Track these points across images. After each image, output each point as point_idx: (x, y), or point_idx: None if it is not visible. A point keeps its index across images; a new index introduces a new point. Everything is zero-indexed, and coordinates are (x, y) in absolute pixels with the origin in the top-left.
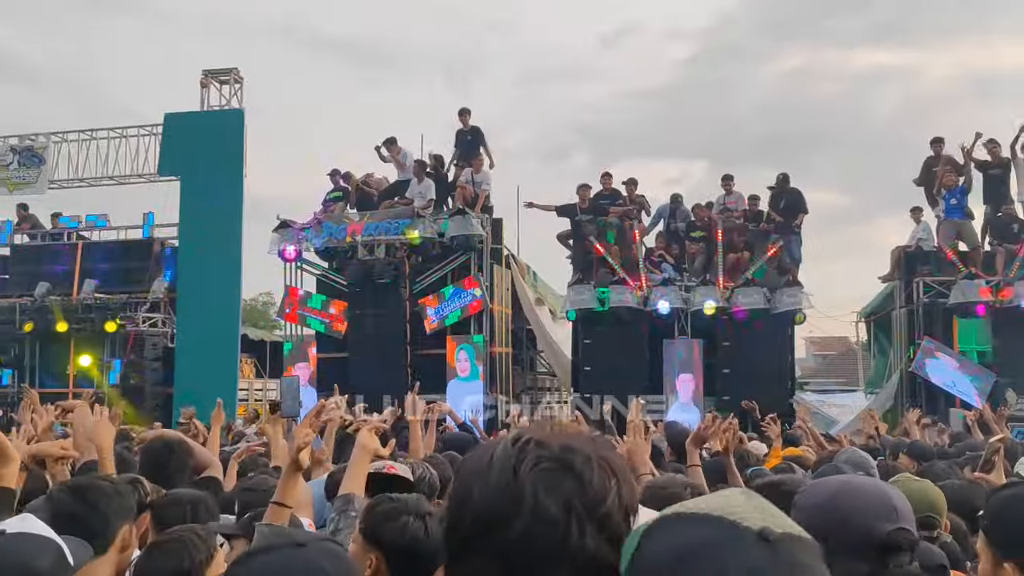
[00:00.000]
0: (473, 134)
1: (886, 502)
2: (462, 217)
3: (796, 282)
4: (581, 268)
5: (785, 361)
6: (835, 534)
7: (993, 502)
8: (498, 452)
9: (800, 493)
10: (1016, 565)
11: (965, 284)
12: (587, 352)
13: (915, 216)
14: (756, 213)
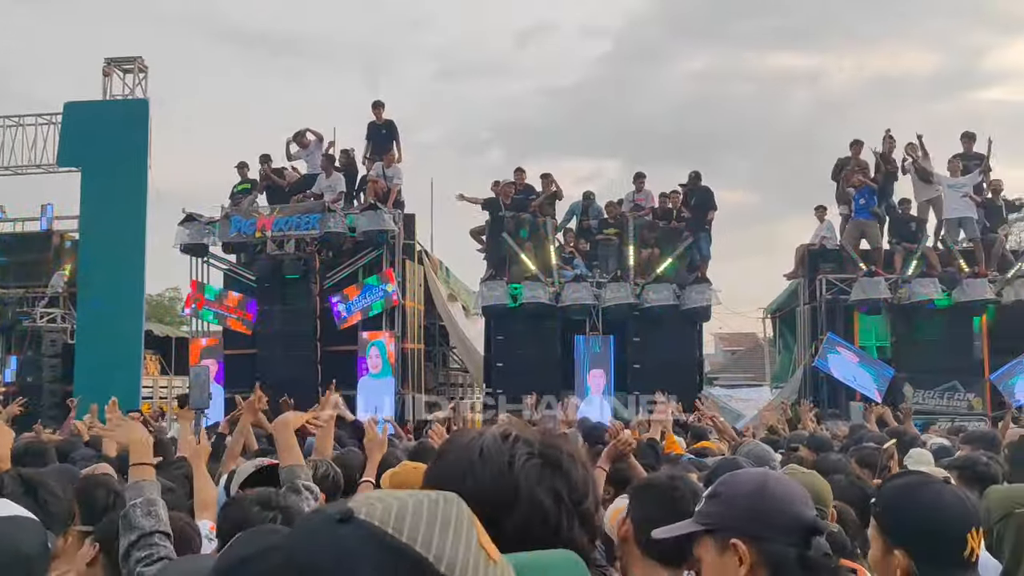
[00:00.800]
0: (387, 128)
1: (803, 491)
2: (374, 212)
3: (705, 279)
4: (494, 264)
5: (694, 356)
6: (768, 520)
7: (886, 491)
8: (488, 446)
9: (721, 484)
10: (906, 551)
11: (866, 281)
12: (499, 348)
13: (819, 215)
14: (666, 211)
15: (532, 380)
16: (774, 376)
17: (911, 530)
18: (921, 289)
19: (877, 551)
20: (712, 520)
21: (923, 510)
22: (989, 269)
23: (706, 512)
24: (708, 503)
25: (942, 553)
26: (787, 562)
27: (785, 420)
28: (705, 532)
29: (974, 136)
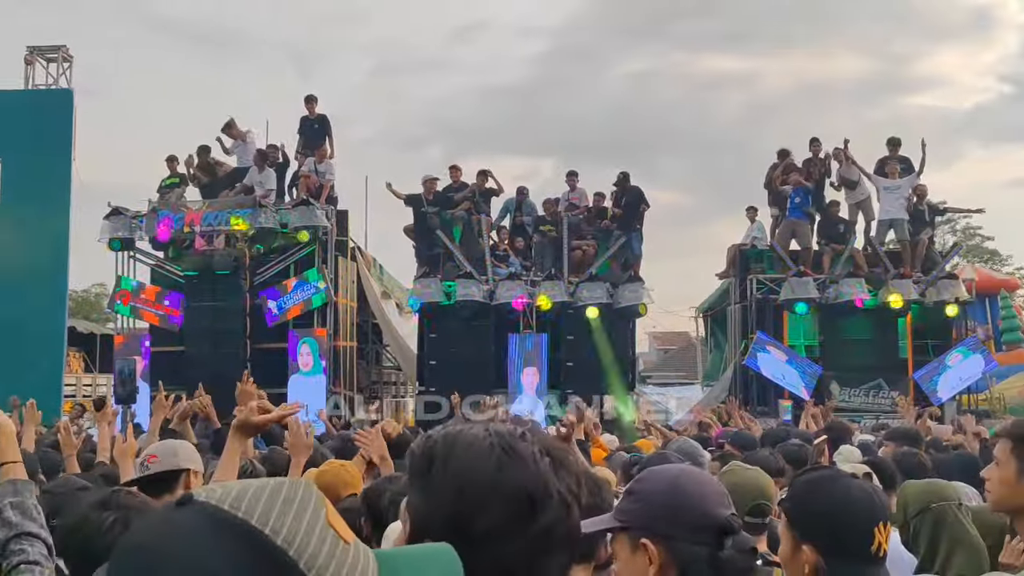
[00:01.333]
0: (320, 122)
1: (720, 489)
2: (306, 208)
3: (638, 277)
4: (427, 262)
5: (627, 355)
6: (679, 519)
7: (794, 486)
8: (510, 442)
9: (637, 481)
10: (813, 547)
11: (795, 281)
12: (433, 346)
13: (751, 216)
14: (600, 210)
15: (465, 378)
16: (705, 374)
17: (819, 525)
18: (848, 289)
19: (787, 547)
20: (627, 517)
21: (831, 504)
22: (914, 270)
23: (622, 509)
24: (625, 500)
25: (849, 547)
26: (697, 562)
27: (716, 418)
28: (621, 529)
29: (899, 142)
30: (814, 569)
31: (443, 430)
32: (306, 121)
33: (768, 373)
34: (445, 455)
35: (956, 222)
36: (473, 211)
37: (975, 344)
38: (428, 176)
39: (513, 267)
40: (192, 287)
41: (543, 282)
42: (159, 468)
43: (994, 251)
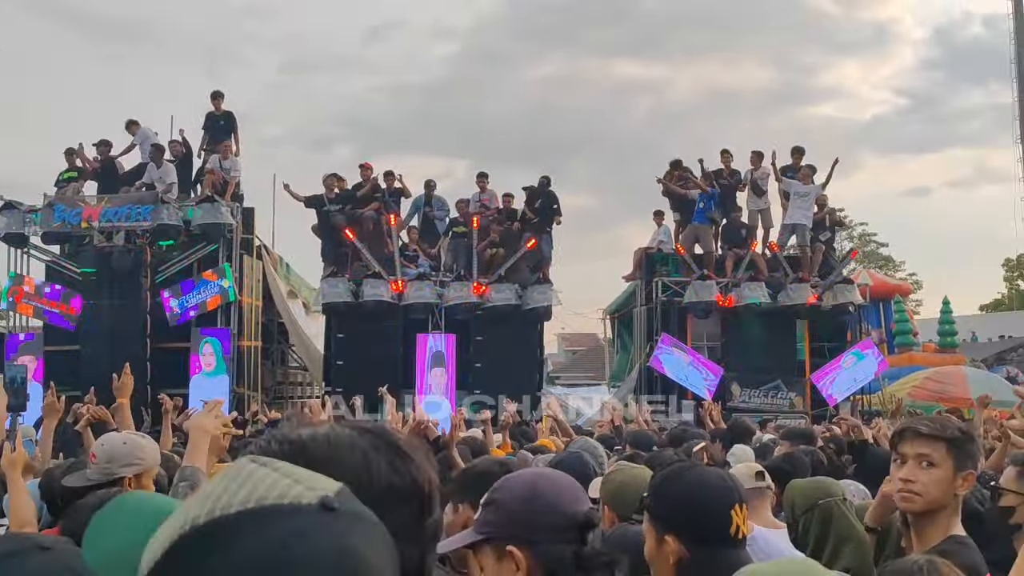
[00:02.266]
0: (226, 119)
1: (576, 486)
2: (210, 205)
3: (547, 280)
4: (333, 261)
5: (535, 356)
6: (539, 522)
7: (656, 480)
8: (389, 441)
9: (495, 491)
10: (676, 536)
11: (698, 284)
12: (340, 346)
13: (657, 220)
14: (511, 211)
15: (373, 379)
16: (612, 375)
17: (678, 514)
18: (749, 293)
19: (651, 543)
20: (489, 528)
21: (687, 492)
22: (812, 275)
23: (482, 520)
24: (484, 511)
25: (709, 532)
26: (563, 562)
27: (621, 418)
28: (484, 541)
29: (803, 151)
30: (678, 559)
31: (309, 431)
32: (212, 117)
33: (672, 374)
34: (326, 460)
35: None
36: (382, 210)
37: (869, 346)
38: (329, 175)
39: (422, 268)
40: (90, 285)
41: (452, 283)
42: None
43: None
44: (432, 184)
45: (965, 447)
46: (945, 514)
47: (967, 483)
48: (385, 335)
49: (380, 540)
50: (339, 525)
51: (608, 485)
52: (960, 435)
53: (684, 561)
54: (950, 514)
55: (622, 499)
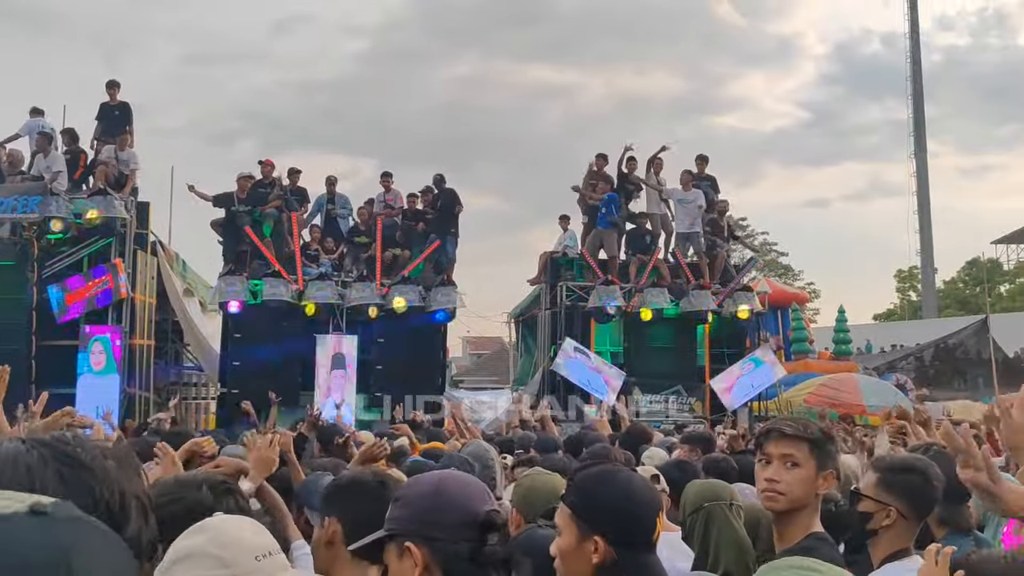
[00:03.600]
0: (121, 109)
1: (483, 486)
2: (103, 198)
3: (451, 282)
4: (233, 259)
5: (438, 358)
6: (442, 520)
7: (580, 480)
8: (57, 452)
9: (405, 487)
10: (604, 538)
11: (602, 289)
12: (237, 346)
13: (563, 224)
14: (415, 212)
15: (270, 380)
16: (516, 379)
17: (609, 516)
18: (652, 298)
19: (570, 540)
20: (392, 525)
21: (620, 497)
22: (713, 282)
23: (390, 517)
24: (392, 508)
25: (639, 537)
26: (459, 560)
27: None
28: (389, 538)
29: (707, 159)
30: (602, 561)
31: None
32: (107, 107)
33: (574, 378)
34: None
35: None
36: (284, 208)
37: (766, 353)
38: (243, 174)
39: (324, 267)
40: None
41: (354, 283)
42: None
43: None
44: (334, 180)
45: (826, 448)
46: (806, 513)
47: (827, 483)
48: (284, 335)
49: (101, 539)
50: (53, 527)
51: (518, 489)
52: (822, 436)
53: (607, 563)
54: (811, 513)
55: (530, 503)
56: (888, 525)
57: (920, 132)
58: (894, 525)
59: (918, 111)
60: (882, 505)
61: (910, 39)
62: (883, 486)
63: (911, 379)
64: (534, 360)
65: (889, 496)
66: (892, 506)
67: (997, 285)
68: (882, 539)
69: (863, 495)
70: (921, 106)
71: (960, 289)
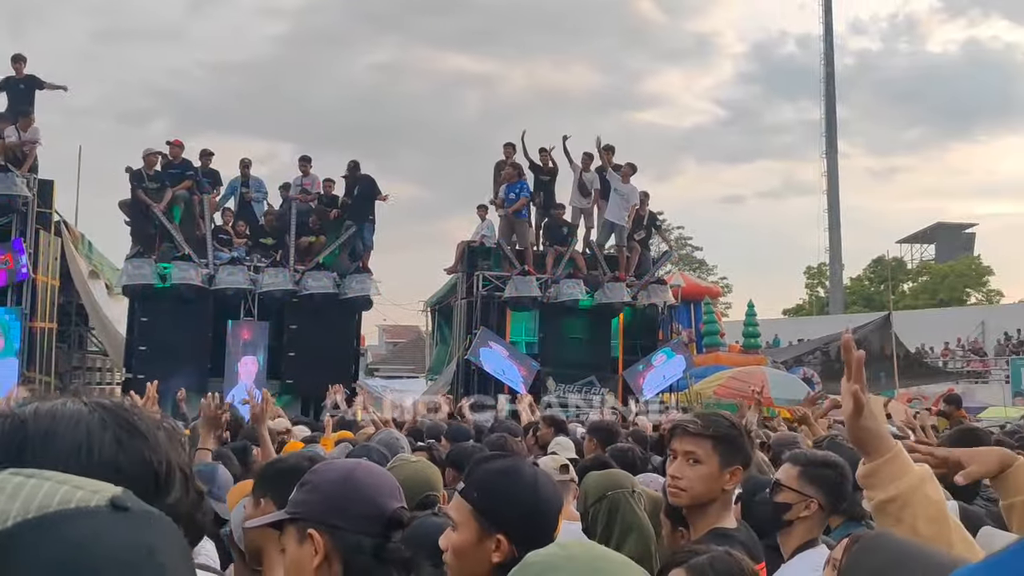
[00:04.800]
0: (26, 84)
1: (394, 482)
2: (3, 175)
3: (366, 269)
4: (142, 241)
5: (351, 346)
6: (348, 510)
7: (480, 474)
8: (117, 417)
9: (312, 472)
10: (506, 536)
11: (518, 280)
12: (143, 331)
13: (481, 213)
14: (331, 198)
15: (178, 365)
16: (431, 368)
17: (516, 515)
18: (568, 290)
19: (469, 536)
20: (298, 508)
21: (528, 494)
22: (628, 275)
23: (294, 501)
24: (297, 491)
25: (542, 536)
26: (361, 553)
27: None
28: (290, 521)
29: (613, 148)
30: (503, 559)
31: (33, 406)
32: (12, 81)
33: (489, 368)
34: (44, 434)
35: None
36: (195, 190)
37: (679, 346)
38: (150, 150)
39: (237, 252)
40: None
41: (266, 268)
42: None
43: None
44: (248, 163)
45: (734, 443)
46: (714, 508)
47: (734, 478)
48: (193, 320)
49: (173, 536)
50: (133, 523)
51: None
52: (726, 432)
53: (508, 562)
54: (719, 508)
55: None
56: (806, 516)
57: (832, 133)
58: (812, 516)
59: (830, 112)
60: (803, 497)
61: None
62: (805, 478)
63: (817, 372)
64: (449, 350)
65: (811, 488)
66: (813, 498)
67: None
68: (796, 529)
69: (784, 486)
70: (833, 107)
71: (866, 286)
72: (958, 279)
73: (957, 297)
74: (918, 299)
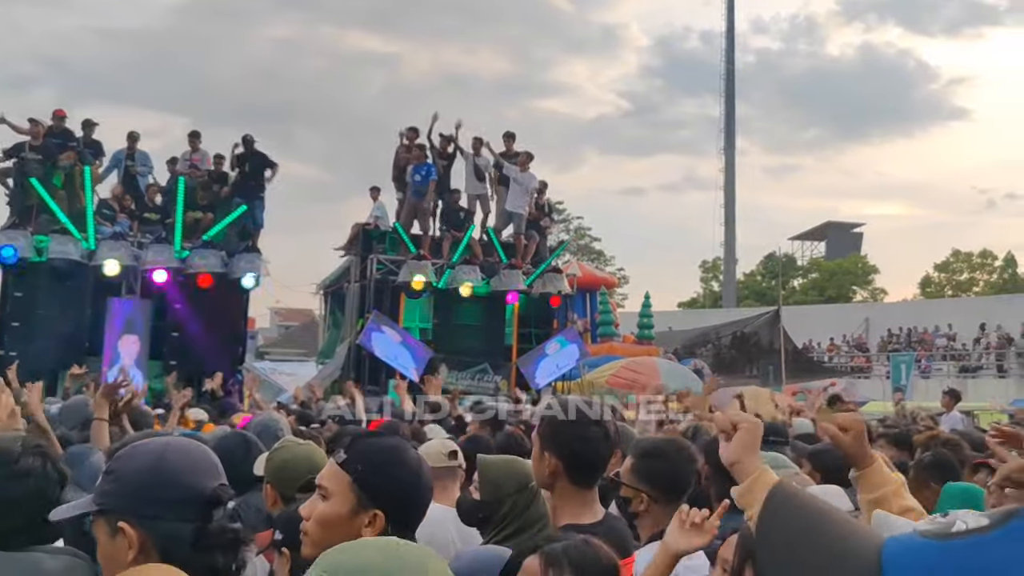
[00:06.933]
0: None
1: (211, 459)
2: None
3: (255, 248)
4: (19, 212)
5: (239, 327)
6: (160, 497)
7: (368, 448)
8: None
9: (117, 459)
10: (384, 513)
11: (414, 264)
12: (17, 306)
13: (374, 195)
14: (221, 174)
15: (54, 343)
16: (321, 352)
17: (396, 494)
18: (463, 276)
19: (343, 508)
20: (105, 499)
21: (411, 475)
22: (525, 262)
23: (100, 490)
24: (103, 480)
25: (414, 517)
26: (180, 540)
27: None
28: (100, 512)
29: (514, 136)
30: (376, 535)
31: None
32: None
33: (381, 353)
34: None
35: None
36: (77, 162)
37: (573, 335)
38: (35, 120)
39: (119, 226)
40: None
41: (151, 245)
42: None
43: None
44: (136, 136)
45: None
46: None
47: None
48: (71, 297)
49: None
50: None
51: (272, 462)
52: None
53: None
54: (566, 502)
55: (286, 476)
56: (644, 509)
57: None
58: (648, 510)
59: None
60: (635, 491)
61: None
62: (635, 472)
63: (708, 364)
64: (341, 333)
65: (639, 482)
66: (643, 492)
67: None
68: (644, 521)
69: (621, 481)
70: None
71: (758, 282)
72: (845, 277)
73: (844, 294)
74: (807, 295)
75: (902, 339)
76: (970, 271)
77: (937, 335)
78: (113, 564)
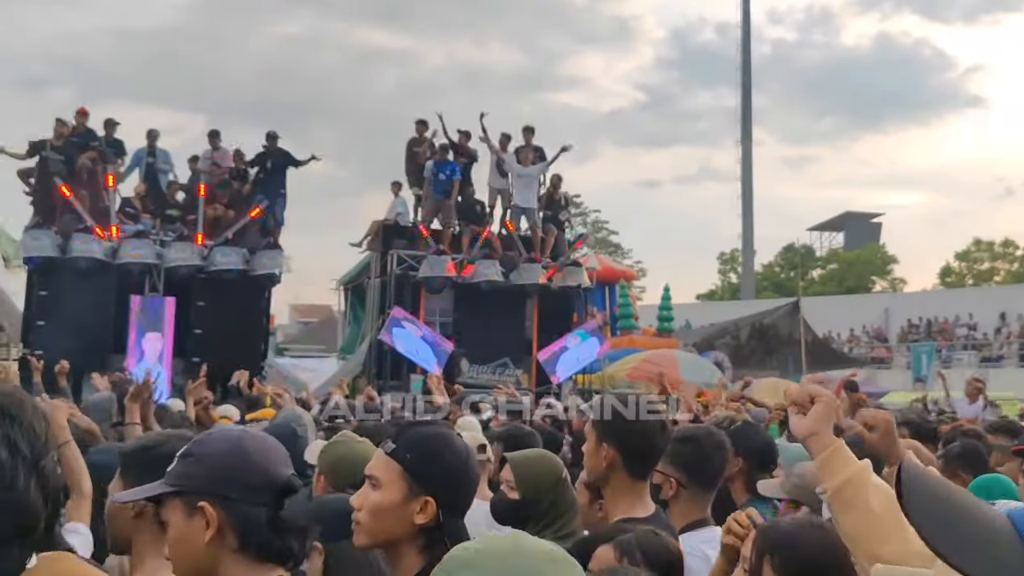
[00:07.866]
0: None
1: (283, 449)
2: None
3: (277, 245)
4: (43, 211)
5: (261, 324)
6: (239, 480)
7: (417, 437)
8: None
9: (196, 443)
10: (435, 499)
11: (434, 259)
12: (42, 305)
13: (395, 190)
14: (241, 172)
15: (80, 341)
16: (342, 348)
17: (447, 480)
18: (483, 270)
19: (396, 496)
20: (182, 481)
21: (460, 462)
22: (543, 256)
23: (176, 472)
24: (180, 463)
25: (463, 504)
26: (256, 523)
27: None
28: (175, 494)
29: (533, 130)
30: (428, 522)
31: None
32: None
33: (402, 348)
34: None
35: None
36: (99, 161)
37: (593, 328)
38: (61, 119)
39: (142, 224)
40: None
41: (173, 243)
42: None
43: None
44: (156, 134)
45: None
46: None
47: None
48: (95, 295)
49: None
50: None
51: (327, 456)
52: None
53: (431, 525)
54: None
55: (339, 471)
56: (673, 495)
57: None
58: (678, 496)
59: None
60: (665, 476)
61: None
62: (666, 458)
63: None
64: (362, 329)
65: (669, 467)
66: (672, 477)
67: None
68: (674, 510)
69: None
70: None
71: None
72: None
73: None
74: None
75: (922, 329)
76: (991, 260)
77: (958, 325)
78: (186, 546)
